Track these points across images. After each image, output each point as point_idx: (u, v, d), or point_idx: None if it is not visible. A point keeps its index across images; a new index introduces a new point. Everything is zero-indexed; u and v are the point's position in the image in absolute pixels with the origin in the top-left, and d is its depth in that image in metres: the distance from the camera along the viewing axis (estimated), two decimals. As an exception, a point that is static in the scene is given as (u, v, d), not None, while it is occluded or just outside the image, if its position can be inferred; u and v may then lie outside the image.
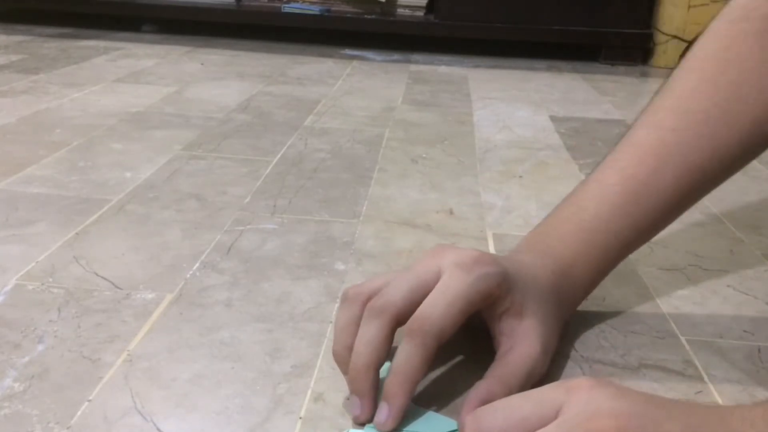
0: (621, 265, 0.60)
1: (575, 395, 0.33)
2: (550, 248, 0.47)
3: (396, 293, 0.40)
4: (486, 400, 0.39)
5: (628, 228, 0.48)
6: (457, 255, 0.41)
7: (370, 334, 0.39)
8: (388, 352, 0.39)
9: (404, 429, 0.38)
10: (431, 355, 0.38)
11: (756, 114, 0.47)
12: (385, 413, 0.38)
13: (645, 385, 0.44)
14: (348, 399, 0.40)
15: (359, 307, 0.41)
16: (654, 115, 0.50)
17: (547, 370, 0.43)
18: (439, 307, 0.39)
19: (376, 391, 0.39)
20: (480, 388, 0.39)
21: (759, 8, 0.48)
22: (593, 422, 0.31)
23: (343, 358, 0.41)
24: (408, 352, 0.38)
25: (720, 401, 0.43)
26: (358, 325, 0.40)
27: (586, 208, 0.48)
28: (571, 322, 0.51)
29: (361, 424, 0.39)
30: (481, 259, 0.41)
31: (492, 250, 0.63)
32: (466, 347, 0.46)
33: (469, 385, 0.40)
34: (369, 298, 0.41)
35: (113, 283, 0.53)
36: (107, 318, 0.49)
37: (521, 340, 0.41)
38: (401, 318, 0.40)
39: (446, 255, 0.41)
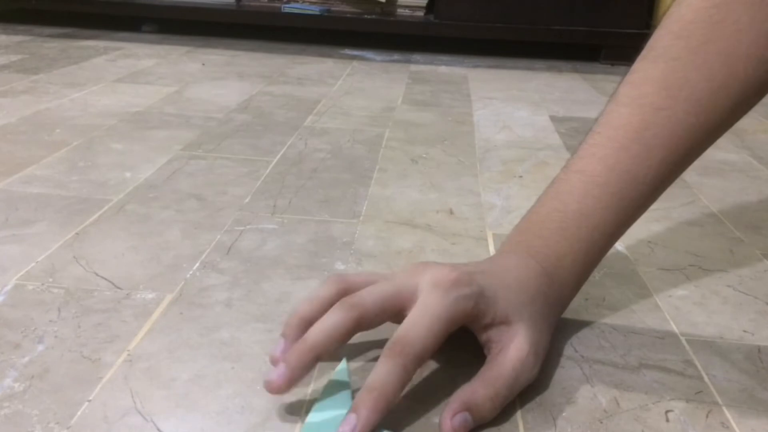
0: (621, 265, 0.60)
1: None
2: (533, 249, 0.47)
3: (369, 297, 0.41)
4: (469, 402, 0.39)
5: (613, 220, 0.47)
6: (435, 274, 0.41)
7: (331, 321, 0.40)
8: (338, 345, 0.40)
9: None
10: (409, 378, 0.38)
11: (748, 81, 0.44)
12: (351, 424, 0.36)
13: (645, 385, 0.44)
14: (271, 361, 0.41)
15: (333, 290, 0.42)
16: (637, 89, 0.47)
17: (540, 370, 0.43)
18: (421, 330, 0.39)
19: (304, 372, 0.39)
20: (464, 390, 0.39)
21: None
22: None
23: (290, 325, 0.42)
24: (388, 370, 0.38)
25: (720, 401, 0.43)
26: (323, 304, 0.42)
27: (569, 203, 0.47)
28: (570, 322, 0.51)
29: (271, 391, 0.39)
30: (458, 280, 0.41)
31: (492, 250, 0.63)
32: (459, 352, 0.46)
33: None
34: (346, 288, 0.42)
35: (113, 283, 0.53)
36: (107, 318, 0.49)
37: (509, 343, 0.41)
38: (366, 321, 0.40)
39: (425, 273, 0.42)
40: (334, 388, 0.42)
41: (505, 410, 0.41)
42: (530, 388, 0.43)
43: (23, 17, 1.76)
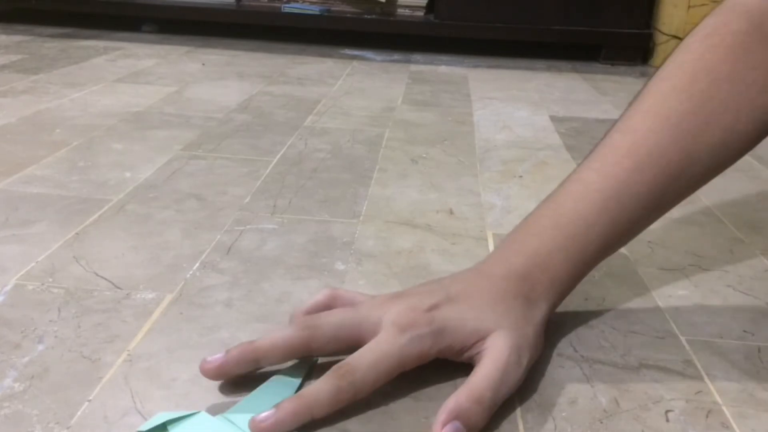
0: (621, 265, 0.60)
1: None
2: (524, 245, 0.47)
3: (326, 322, 0.43)
4: (455, 409, 0.38)
5: (608, 226, 0.47)
6: (397, 312, 0.42)
7: (281, 334, 0.42)
8: (282, 358, 0.42)
9: None
10: (341, 403, 0.39)
11: (726, 123, 0.47)
12: (266, 417, 0.37)
13: (645, 385, 0.44)
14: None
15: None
16: (628, 120, 0.50)
17: (534, 371, 0.43)
18: (366, 363, 0.40)
19: (238, 367, 0.41)
20: (449, 399, 0.39)
21: (728, 24, 0.49)
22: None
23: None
24: (322, 388, 0.39)
25: (720, 401, 0.43)
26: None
27: (564, 203, 0.48)
28: (570, 322, 0.51)
29: (202, 371, 0.41)
30: (416, 321, 0.42)
31: (492, 250, 0.62)
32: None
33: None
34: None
35: (113, 283, 0.53)
36: (107, 318, 0.49)
37: (489, 349, 0.42)
38: (317, 343, 0.42)
39: (391, 309, 0.43)
40: (290, 370, 0.43)
41: (505, 410, 0.41)
42: (530, 389, 0.43)
43: (23, 17, 1.76)
